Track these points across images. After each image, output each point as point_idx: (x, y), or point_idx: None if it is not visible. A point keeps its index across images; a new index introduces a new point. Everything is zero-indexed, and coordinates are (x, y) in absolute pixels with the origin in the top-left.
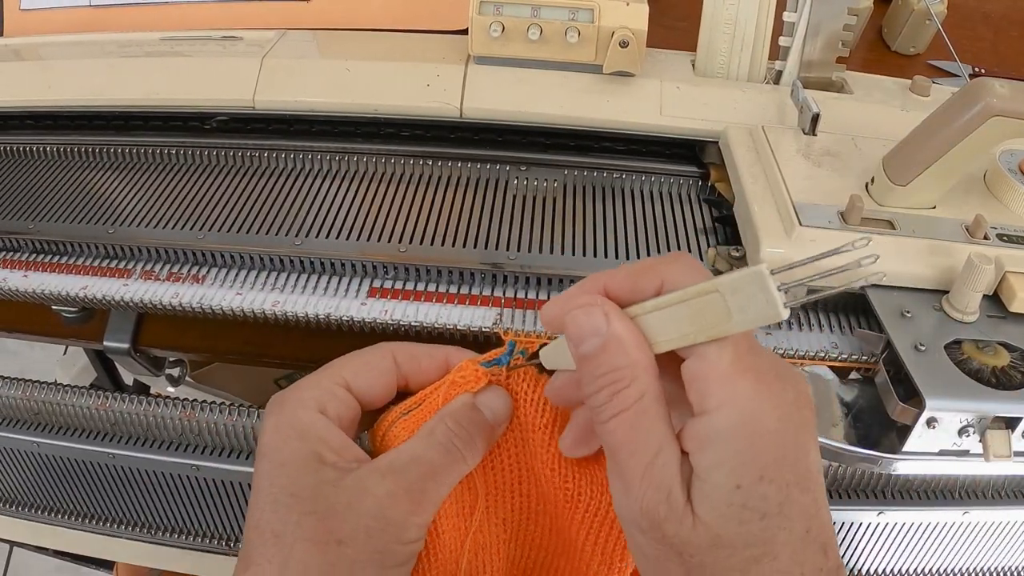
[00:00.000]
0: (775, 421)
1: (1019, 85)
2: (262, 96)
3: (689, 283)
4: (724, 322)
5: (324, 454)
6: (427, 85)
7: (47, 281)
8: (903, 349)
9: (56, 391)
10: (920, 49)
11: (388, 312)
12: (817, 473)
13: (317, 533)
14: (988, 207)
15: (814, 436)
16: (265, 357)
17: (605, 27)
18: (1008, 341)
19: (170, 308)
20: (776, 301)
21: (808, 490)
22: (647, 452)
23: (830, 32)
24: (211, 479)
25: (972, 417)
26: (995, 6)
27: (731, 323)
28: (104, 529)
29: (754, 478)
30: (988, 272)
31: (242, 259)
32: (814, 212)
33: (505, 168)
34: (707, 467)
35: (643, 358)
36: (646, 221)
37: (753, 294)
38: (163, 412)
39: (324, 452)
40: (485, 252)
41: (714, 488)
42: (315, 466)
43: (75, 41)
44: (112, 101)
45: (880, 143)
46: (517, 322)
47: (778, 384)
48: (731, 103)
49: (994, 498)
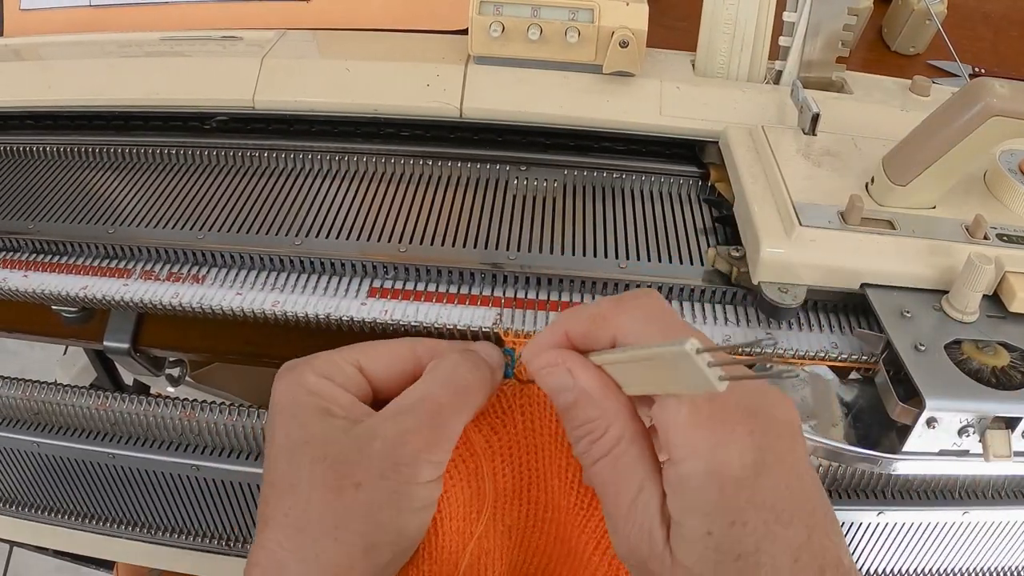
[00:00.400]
0: (740, 469)
1: (1019, 85)
2: (262, 96)
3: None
4: (671, 384)
5: (333, 409)
6: (427, 85)
7: (47, 281)
8: (903, 349)
9: (56, 391)
10: (920, 49)
11: (388, 312)
12: (805, 500)
13: (331, 479)
14: (988, 207)
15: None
16: (265, 357)
17: (605, 27)
18: (1008, 341)
19: (170, 308)
20: (706, 376)
21: (791, 523)
22: (628, 492)
23: (830, 32)
24: (211, 479)
25: (972, 417)
26: (995, 6)
27: (677, 387)
28: (104, 529)
29: (725, 524)
30: (988, 272)
31: (242, 259)
32: (814, 212)
33: (505, 168)
34: (680, 512)
35: (613, 405)
36: (646, 221)
37: (686, 367)
38: (163, 412)
39: (333, 408)
40: (485, 252)
41: (688, 532)
42: (325, 417)
43: (75, 41)
44: (112, 101)
45: (880, 143)
46: (517, 322)
47: (745, 424)
48: (731, 103)
49: (994, 498)
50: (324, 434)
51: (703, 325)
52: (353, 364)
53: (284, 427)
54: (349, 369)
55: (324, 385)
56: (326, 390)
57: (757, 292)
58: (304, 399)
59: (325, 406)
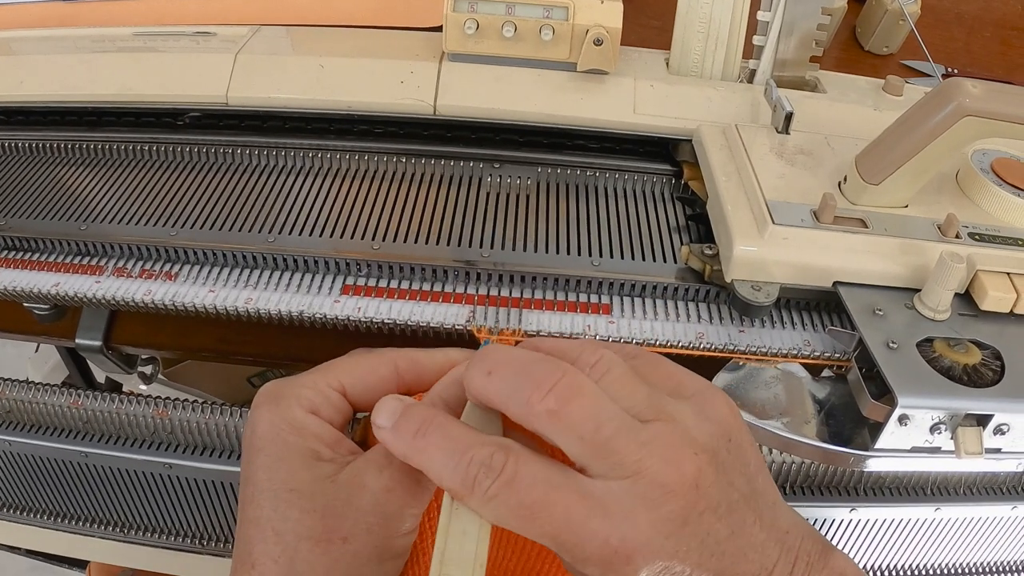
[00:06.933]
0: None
1: (991, 85)
2: (235, 92)
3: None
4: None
5: (320, 450)
6: (401, 82)
7: (18, 278)
8: (875, 346)
9: (27, 389)
10: (893, 49)
11: (361, 309)
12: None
13: (318, 531)
14: (960, 206)
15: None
16: (238, 355)
17: (579, 25)
18: (979, 339)
19: (143, 305)
20: None
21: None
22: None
23: (804, 31)
24: (185, 477)
25: (944, 414)
26: (969, 7)
27: None
28: (77, 528)
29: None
30: (960, 270)
31: (215, 256)
32: (787, 210)
33: (479, 165)
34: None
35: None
36: (619, 219)
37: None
38: (136, 410)
39: (320, 448)
40: (458, 249)
41: None
42: (312, 462)
43: (47, 36)
44: (85, 97)
45: (853, 142)
46: (490, 319)
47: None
48: (705, 101)
49: (966, 494)
50: (312, 483)
51: (676, 323)
52: (337, 389)
53: (268, 469)
54: (334, 397)
55: (311, 422)
56: (313, 428)
57: (730, 290)
58: (290, 440)
59: (312, 448)
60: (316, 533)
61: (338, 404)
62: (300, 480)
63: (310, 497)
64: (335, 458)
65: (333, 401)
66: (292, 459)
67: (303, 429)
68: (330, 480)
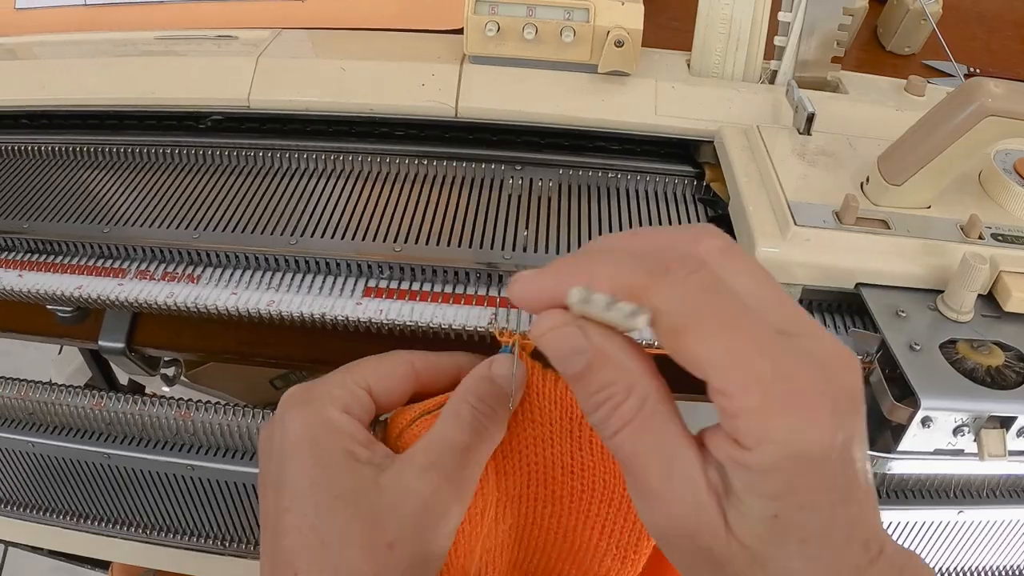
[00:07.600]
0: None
1: (1014, 85)
2: (257, 95)
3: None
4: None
5: (356, 451)
6: (422, 85)
7: (42, 281)
8: (898, 348)
9: (51, 391)
10: (915, 49)
11: (383, 312)
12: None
13: (366, 538)
14: (983, 207)
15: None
16: (260, 357)
17: (600, 27)
18: (1003, 340)
19: (165, 308)
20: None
21: (851, 500)
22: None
23: (825, 32)
24: (207, 479)
25: (967, 416)
26: (990, 6)
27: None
28: (99, 529)
29: (794, 507)
30: (983, 272)
31: (237, 258)
32: (809, 212)
33: (500, 167)
34: (743, 490)
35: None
36: (641, 220)
37: None
38: (158, 412)
39: (356, 449)
40: (480, 251)
41: (751, 511)
42: (352, 465)
43: (70, 40)
44: (107, 100)
45: (875, 143)
46: (512, 322)
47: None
48: (726, 103)
49: (989, 497)
50: (356, 489)
51: None
52: (364, 388)
53: (307, 472)
54: (363, 396)
55: (345, 422)
56: (347, 428)
57: None
58: (327, 441)
59: (349, 449)
60: (363, 540)
61: (366, 404)
62: (343, 486)
63: (355, 503)
64: (372, 459)
65: (362, 400)
66: (332, 463)
67: (338, 430)
68: (374, 484)
